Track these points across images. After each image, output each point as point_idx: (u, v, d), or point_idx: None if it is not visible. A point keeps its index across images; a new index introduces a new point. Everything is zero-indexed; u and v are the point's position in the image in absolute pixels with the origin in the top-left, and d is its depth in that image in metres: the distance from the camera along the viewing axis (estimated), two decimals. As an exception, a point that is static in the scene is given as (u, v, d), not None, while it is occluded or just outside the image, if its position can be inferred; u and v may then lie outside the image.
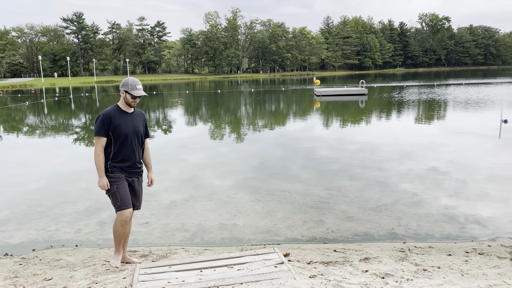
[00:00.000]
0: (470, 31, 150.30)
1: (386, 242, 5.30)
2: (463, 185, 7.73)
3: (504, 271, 4.00)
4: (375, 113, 20.93)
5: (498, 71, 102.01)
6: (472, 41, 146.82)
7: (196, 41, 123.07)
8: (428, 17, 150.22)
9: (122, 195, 4.06)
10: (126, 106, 4.20)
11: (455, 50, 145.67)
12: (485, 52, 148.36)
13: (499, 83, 45.95)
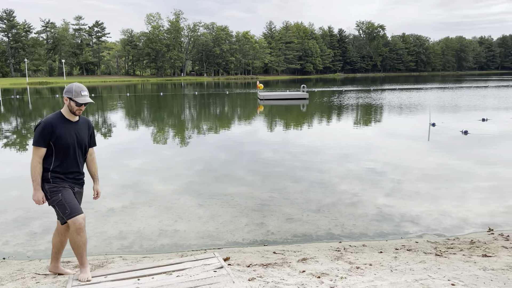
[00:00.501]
0: (403, 39, 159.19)
1: (323, 242, 5.49)
2: (398, 185, 8.19)
3: (429, 265, 4.29)
4: (316, 116, 21.57)
5: (428, 77, 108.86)
6: (404, 48, 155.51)
7: (138, 43, 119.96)
8: (364, 24, 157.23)
9: (69, 202, 3.81)
10: (70, 114, 3.88)
11: (389, 57, 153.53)
12: (417, 59, 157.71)
13: (428, 88, 49.07)
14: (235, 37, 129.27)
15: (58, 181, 3.83)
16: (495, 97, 32.59)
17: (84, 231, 3.87)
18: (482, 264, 4.29)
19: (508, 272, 4.04)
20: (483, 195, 7.49)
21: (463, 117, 19.79)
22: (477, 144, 12.74)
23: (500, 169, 9.44)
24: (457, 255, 4.69)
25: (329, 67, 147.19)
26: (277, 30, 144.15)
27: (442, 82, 69.57)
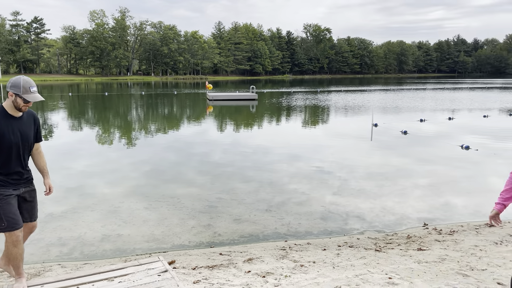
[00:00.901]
0: (348, 42, 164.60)
1: (269, 241, 5.56)
2: (344, 183, 8.46)
3: (369, 261, 4.48)
4: (266, 117, 21.79)
5: (371, 79, 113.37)
6: (350, 51, 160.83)
7: (81, 40, 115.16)
8: (312, 27, 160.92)
9: (7, 215, 3.50)
10: (15, 110, 3.54)
11: (335, 59, 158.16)
12: (361, 62, 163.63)
13: (372, 90, 51.09)
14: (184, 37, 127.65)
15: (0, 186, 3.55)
16: (432, 99, 34.52)
17: (21, 242, 3.65)
18: (417, 257, 4.54)
19: (440, 264, 4.29)
20: (422, 191, 7.91)
21: (403, 118, 20.78)
22: (416, 143, 13.43)
23: (437, 166, 10.02)
24: (395, 249, 4.93)
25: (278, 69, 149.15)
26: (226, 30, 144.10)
27: (385, 84, 72.71)
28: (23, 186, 3.73)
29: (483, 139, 14.00)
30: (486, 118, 20.55)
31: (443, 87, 57.12)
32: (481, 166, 10.05)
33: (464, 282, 3.80)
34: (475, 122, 18.89)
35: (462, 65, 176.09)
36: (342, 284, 3.76)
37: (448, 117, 20.54)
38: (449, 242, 5.12)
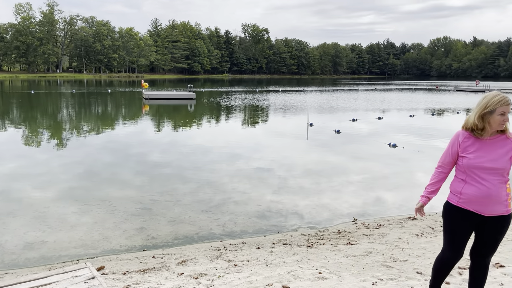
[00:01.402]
0: (286, 43, 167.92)
1: (204, 242, 5.53)
2: (283, 182, 8.62)
3: (301, 257, 4.59)
4: (205, 117, 21.63)
5: (308, 80, 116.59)
6: (287, 52, 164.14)
7: (5, 35, 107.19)
8: (250, 27, 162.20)
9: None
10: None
11: (274, 60, 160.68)
12: (298, 63, 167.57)
13: (308, 90, 52.56)
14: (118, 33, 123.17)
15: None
16: (364, 100, 36.19)
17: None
18: (346, 252, 4.73)
19: (366, 257, 4.51)
20: (354, 188, 8.27)
21: (337, 117, 21.58)
22: (349, 141, 14.01)
23: (368, 163, 10.53)
24: (326, 245, 5.10)
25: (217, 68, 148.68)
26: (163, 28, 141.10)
27: (321, 85, 75.09)
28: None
29: (409, 137, 14.90)
30: (412, 117, 21.90)
31: (374, 88, 60.10)
32: (407, 163, 10.69)
33: (387, 273, 4.02)
34: (402, 122, 20.08)
35: (392, 67, 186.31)
36: (274, 281, 3.82)
37: (378, 117, 21.62)
38: (375, 236, 5.40)
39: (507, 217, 2.84)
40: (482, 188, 2.78)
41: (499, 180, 2.77)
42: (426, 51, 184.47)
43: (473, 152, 2.82)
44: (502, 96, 2.75)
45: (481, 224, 2.88)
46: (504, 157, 2.76)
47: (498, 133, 2.83)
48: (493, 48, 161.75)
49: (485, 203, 2.78)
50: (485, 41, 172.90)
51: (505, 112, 2.73)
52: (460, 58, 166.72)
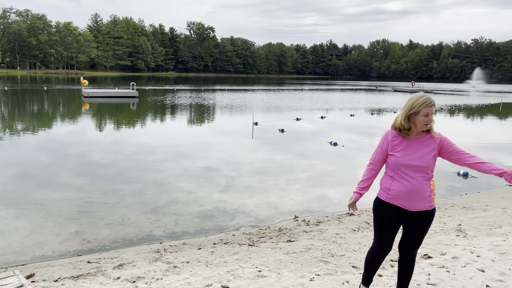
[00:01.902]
0: (232, 42, 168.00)
1: (143, 245, 5.38)
2: (230, 180, 8.59)
3: (241, 256, 4.60)
4: (149, 115, 21.11)
5: (254, 79, 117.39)
6: (233, 51, 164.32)
7: None
8: (195, 25, 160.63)
9: None
10: None
11: (220, 58, 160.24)
12: (244, 62, 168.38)
13: (254, 90, 52.91)
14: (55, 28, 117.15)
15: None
16: (308, 99, 37.02)
17: None
18: (286, 249, 4.80)
19: (305, 254, 4.60)
20: (299, 185, 8.42)
21: (281, 116, 21.90)
22: (293, 140, 14.26)
23: (313, 161, 10.78)
24: (267, 243, 5.15)
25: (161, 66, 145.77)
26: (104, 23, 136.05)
27: (266, 84, 75.86)
28: None
29: (349, 136, 15.44)
30: (352, 117, 22.71)
31: (318, 88, 61.68)
32: (348, 160, 11.07)
33: (325, 269, 4.12)
34: (343, 121, 20.76)
35: (334, 68, 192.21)
36: (214, 281, 3.79)
37: (321, 116, 22.20)
38: (315, 232, 5.52)
39: (431, 212, 2.99)
40: (407, 184, 2.91)
41: (423, 177, 2.91)
42: (367, 53, 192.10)
43: (400, 150, 2.96)
44: (426, 98, 2.88)
45: (407, 219, 3.01)
46: (428, 156, 2.91)
47: (423, 133, 2.98)
48: (427, 51, 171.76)
49: (410, 198, 2.92)
50: (420, 45, 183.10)
51: (428, 113, 2.87)
52: (397, 60, 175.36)
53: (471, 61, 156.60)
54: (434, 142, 2.95)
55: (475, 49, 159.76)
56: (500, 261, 4.05)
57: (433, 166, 2.96)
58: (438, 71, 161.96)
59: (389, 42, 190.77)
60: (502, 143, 14.75)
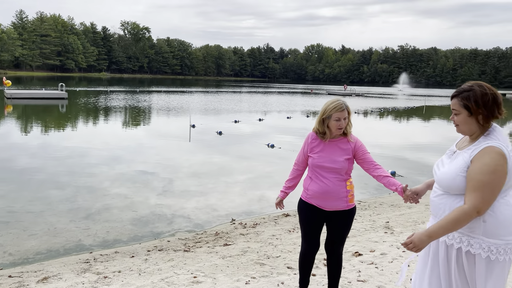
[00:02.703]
0: (168, 43, 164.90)
1: (71, 255, 5.08)
2: (168, 184, 8.38)
3: (176, 263, 4.49)
4: (81, 118, 20.11)
5: (192, 81, 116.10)
6: (170, 52, 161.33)
7: None
8: (130, 25, 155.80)
9: None
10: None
11: (156, 59, 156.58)
12: (181, 63, 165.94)
13: (192, 92, 52.33)
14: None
15: None
16: (247, 102, 37.27)
17: None
18: (222, 253, 4.77)
19: (242, 257, 4.60)
20: (238, 188, 8.43)
21: (219, 119, 21.83)
22: (231, 142, 14.26)
23: (251, 163, 10.84)
24: (203, 248, 5.08)
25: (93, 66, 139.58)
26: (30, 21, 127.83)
27: (205, 86, 75.33)
28: None
29: (286, 138, 15.74)
30: (289, 119, 23.19)
31: (256, 91, 62.34)
32: (284, 162, 11.25)
33: (260, 271, 4.14)
34: (280, 123, 21.14)
35: (272, 71, 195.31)
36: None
37: (259, 118, 22.43)
38: (251, 235, 5.54)
39: (348, 211, 3.12)
40: (322, 185, 3.05)
41: (338, 178, 3.04)
42: (302, 57, 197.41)
43: (318, 152, 3.10)
44: (337, 103, 3.00)
45: (327, 218, 3.15)
46: (341, 158, 3.04)
47: (340, 136, 3.10)
48: (358, 56, 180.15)
49: (325, 199, 3.06)
50: (352, 50, 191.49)
51: (340, 117, 2.99)
52: (331, 64, 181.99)
53: (398, 66, 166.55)
54: (349, 147, 3.08)
55: (401, 55, 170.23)
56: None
57: (349, 168, 3.09)
58: (368, 75, 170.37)
59: (323, 47, 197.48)
60: (426, 143, 15.80)
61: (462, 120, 2.22)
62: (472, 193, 2.10)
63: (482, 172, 2.09)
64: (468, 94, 2.18)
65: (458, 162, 2.21)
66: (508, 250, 2.13)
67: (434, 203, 2.32)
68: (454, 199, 2.21)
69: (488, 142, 2.16)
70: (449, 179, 2.20)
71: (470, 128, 2.23)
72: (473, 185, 2.10)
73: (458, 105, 2.22)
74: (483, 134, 2.22)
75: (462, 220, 2.09)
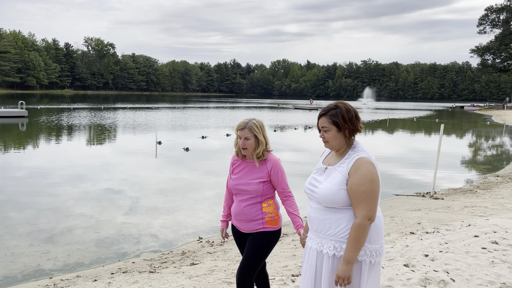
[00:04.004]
0: (133, 59, 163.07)
1: (30, 281, 4.83)
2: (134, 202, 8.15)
3: (141, 285, 4.35)
4: (42, 136, 19.42)
5: (158, 97, 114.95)
6: (135, 68, 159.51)
7: None
8: (94, 41, 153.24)
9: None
10: None
11: (121, 76, 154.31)
12: (147, 79, 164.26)
13: (158, 108, 51.77)
14: None
15: None
16: (214, 117, 37.18)
17: None
18: (189, 273, 4.66)
19: (209, 276, 4.51)
20: (207, 203, 8.32)
21: (187, 135, 21.65)
22: (199, 158, 14.12)
23: (221, 178, 10.70)
24: (169, 268, 4.95)
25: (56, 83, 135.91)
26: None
27: (171, 102, 74.74)
28: None
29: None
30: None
31: (224, 106, 62.38)
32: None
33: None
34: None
35: (239, 86, 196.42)
36: (110, 316, 3.52)
37: (226, 133, 22.38)
38: (219, 253, 5.46)
39: (263, 234, 2.96)
40: (236, 206, 3.03)
41: (252, 200, 2.96)
42: (269, 72, 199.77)
43: (237, 173, 3.05)
44: (241, 122, 2.98)
45: (244, 240, 3.09)
46: (256, 181, 2.95)
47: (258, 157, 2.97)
48: (323, 71, 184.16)
49: (239, 220, 3.03)
50: (317, 65, 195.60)
51: (241, 136, 2.93)
52: (297, 79, 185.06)
53: (361, 80, 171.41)
54: (266, 169, 2.97)
55: (364, 70, 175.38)
56: (389, 267, 4.36)
57: (263, 190, 2.96)
58: (333, 90, 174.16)
59: (289, 62, 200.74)
60: (390, 154, 16.19)
61: (332, 136, 2.38)
62: (359, 205, 2.24)
63: (363, 183, 2.24)
64: (336, 112, 2.37)
65: (337, 177, 2.34)
66: (382, 252, 2.36)
67: (317, 220, 2.39)
68: (337, 213, 2.33)
69: (358, 154, 2.35)
70: (332, 194, 2.30)
71: (339, 143, 2.39)
72: (357, 197, 2.25)
73: (327, 123, 2.38)
74: (349, 148, 2.41)
75: (361, 234, 2.23)
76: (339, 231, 2.31)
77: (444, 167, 13.00)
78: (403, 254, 4.77)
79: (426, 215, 7.03)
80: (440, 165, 10.00)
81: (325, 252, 2.32)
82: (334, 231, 2.31)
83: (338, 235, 2.30)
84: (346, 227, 2.30)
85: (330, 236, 2.32)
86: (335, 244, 2.30)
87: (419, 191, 9.87)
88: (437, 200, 8.66)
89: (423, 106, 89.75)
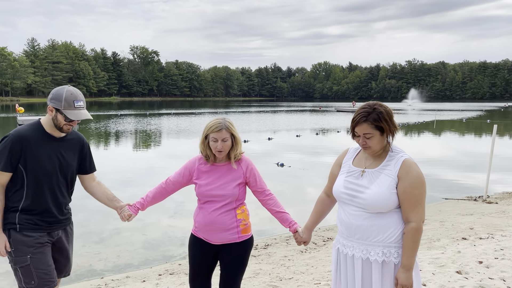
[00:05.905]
0: (177, 66, 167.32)
1: (82, 281, 5.05)
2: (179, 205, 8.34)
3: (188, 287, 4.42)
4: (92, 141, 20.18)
5: (201, 102, 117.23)
6: (178, 74, 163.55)
7: None
8: (139, 49, 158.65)
9: (40, 270, 2.57)
10: (54, 129, 2.72)
11: (165, 82, 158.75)
12: (190, 85, 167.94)
13: (201, 113, 52.74)
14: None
15: (29, 231, 2.60)
16: (255, 121, 37.38)
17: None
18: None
19: (254, 279, 4.51)
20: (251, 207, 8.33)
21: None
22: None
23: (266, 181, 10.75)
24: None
25: (104, 90, 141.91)
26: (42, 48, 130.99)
27: (213, 107, 75.92)
28: (61, 227, 2.87)
29: (296, 156, 15.67)
30: (298, 137, 23.16)
31: (265, 110, 62.61)
32: (295, 180, 11.18)
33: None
34: (290, 141, 21.11)
35: (279, 90, 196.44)
36: (158, 316, 3.60)
37: (268, 137, 22.43)
38: (263, 256, 5.46)
39: (241, 244, 2.74)
40: (206, 215, 2.69)
41: (226, 207, 2.70)
42: (310, 75, 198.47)
43: (206, 178, 2.74)
44: (215, 122, 2.67)
45: (217, 253, 2.78)
46: (233, 184, 2.70)
47: (229, 160, 2.74)
48: (366, 73, 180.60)
49: (210, 230, 2.69)
50: (359, 66, 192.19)
51: (217, 138, 2.65)
52: (339, 81, 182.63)
53: (406, 81, 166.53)
54: (241, 171, 2.74)
55: (409, 70, 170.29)
56: (440, 273, 4.19)
57: (238, 194, 2.75)
58: (377, 91, 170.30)
59: (330, 64, 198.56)
60: (438, 157, 15.61)
61: (376, 141, 2.24)
62: (414, 209, 2.18)
63: (416, 186, 2.17)
64: (377, 116, 2.20)
65: (385, 181, 2.22)
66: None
67: (362, 228, 2.26)
68: (384, 218, 2.23)
69: (401, 155, 2.25)
70: (384, 199, 2.20)
71: (381, 147, 2.28)
72: (412, 201, 2.17)
73: (370, 128, 2.21)
74: (386, 149, 2.29)
75: (419, 237, 2.19)
76: (387, 236, 2.22)
77: (498, 170, 12.36)
78: (455, 260, 4.57)
79: (479, 220, 6.71)
80: (493, 167, 9.52)
81: (373, 259, 2.22)
82: (382, 236, 2.22)
83: (386, 240, 2.22)
84: (394, 232, 2.22)
85: (378, 242, 2.23)
86: (384, 249, 2.22)
87: (470, 195, 9.45)
88: (490, 204, 8.25)
89: (472, 106, 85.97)
